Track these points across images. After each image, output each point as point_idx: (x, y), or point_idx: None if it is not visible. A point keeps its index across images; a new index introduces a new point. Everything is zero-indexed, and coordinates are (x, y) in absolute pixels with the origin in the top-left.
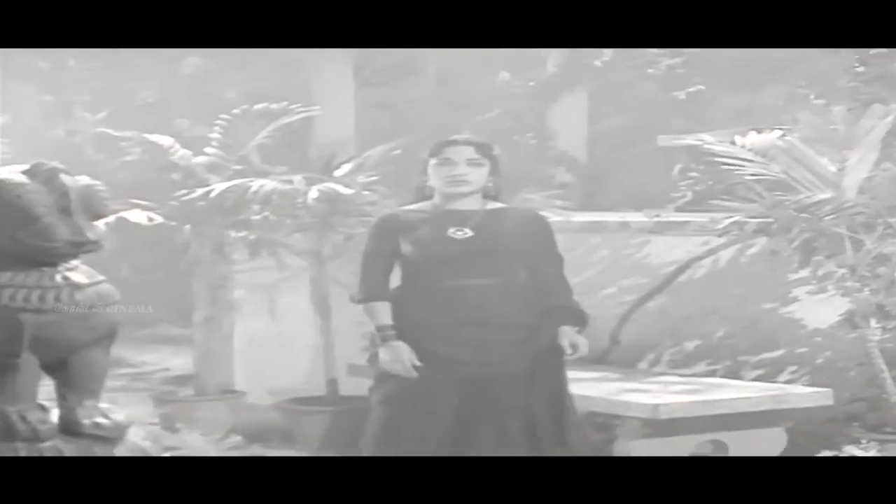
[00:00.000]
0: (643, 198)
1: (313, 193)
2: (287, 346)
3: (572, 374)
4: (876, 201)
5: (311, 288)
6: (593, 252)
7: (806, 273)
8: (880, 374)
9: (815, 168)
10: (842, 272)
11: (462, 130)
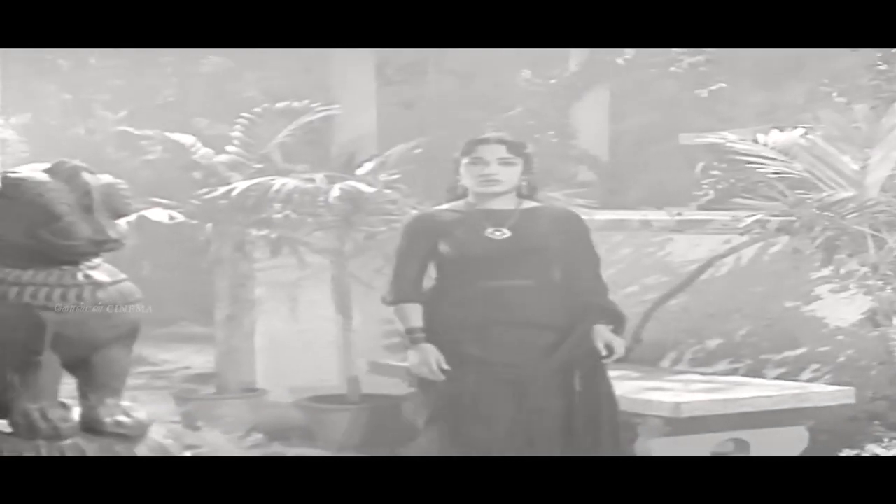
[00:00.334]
0: (665, 196)
1: (335, 192)
2: (308, 345)
3: None
4: None
5: (333, 286)
6: (615, 250)
7: (828, 271)
8: None
9: (838, 166)
10: (864, 270)
11: (484, 129)
